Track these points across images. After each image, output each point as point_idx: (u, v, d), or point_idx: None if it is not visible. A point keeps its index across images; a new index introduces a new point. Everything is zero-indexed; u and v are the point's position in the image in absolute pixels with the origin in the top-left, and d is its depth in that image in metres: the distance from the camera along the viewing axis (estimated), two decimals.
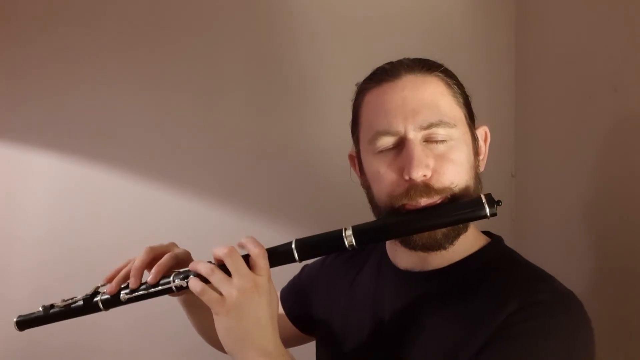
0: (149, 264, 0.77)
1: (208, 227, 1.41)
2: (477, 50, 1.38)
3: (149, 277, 0.76)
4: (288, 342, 0.73)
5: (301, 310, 0.95)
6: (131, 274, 0.76)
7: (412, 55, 0.78)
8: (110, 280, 0.77)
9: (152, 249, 0.79)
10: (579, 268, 1.03)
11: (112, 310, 0.77)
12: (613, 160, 0.97)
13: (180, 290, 0.73)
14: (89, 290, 0.78)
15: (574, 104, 1.09)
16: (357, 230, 0.70)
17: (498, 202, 0.67)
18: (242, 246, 0.71)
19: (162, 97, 1.42)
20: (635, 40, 0.89)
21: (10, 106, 1.39)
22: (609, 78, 0.96)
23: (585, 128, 1.05)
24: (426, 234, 0.70)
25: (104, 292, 0.76)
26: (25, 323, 0.78)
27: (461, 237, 0.73)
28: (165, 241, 0.82)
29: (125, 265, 0.78)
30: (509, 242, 0.80)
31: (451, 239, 0.72)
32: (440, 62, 0.77)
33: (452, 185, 0.70)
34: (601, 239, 1.00)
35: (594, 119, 1.02)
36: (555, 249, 1.14)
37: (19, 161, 1.39)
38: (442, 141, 0.71)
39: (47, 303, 0.78)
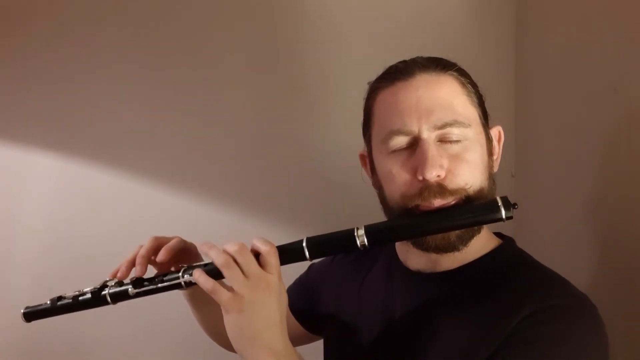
0: (155, 254, 0.77)
1: (217, 230, 1.39)
2: (476, 50, 1.37)
3: (156, 262, 0.76)
4: (295, 341, 0.72)
5: (308, 309, 0.94)
6: (137, 262, 0.75)
7: (414, 54, 0.78)
8: (116, 275, 0.76)
9: (156, 238, 0.78)
10: (579, 268, 1.03)
11: (113, 308, 0.77)
12: (613, 160, 0.97)
13: (190, 286, 0.73)
14: (96, 284, 0.77)
15: (574, 103, 1.09)
16: (370, 230, 0.70)
17: (514, 205, 0.66)
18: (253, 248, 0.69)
19: (167, 98, 1.41)
20: (635, 40, 0.89)
21: (14, 107, 1.39)
22: (609, 78, 0.96)
23: (586, 128, 1.05)
24: (440, 235, 0.70)
25: (112, 286, 0.76)
26: (32, 314, 0.78)
27: (474, 238, 0.72)
28: None
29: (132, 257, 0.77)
30: None
31: (465, 241, 0.71)
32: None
33: (467, 187, 0.70)
34: (602, 238, 1.00)
35: (594, 119, 1.01)
36: (555, 249, 1.14)
37: (22, 160, 1.39)
38: (457, 141, 0.70)
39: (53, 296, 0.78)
